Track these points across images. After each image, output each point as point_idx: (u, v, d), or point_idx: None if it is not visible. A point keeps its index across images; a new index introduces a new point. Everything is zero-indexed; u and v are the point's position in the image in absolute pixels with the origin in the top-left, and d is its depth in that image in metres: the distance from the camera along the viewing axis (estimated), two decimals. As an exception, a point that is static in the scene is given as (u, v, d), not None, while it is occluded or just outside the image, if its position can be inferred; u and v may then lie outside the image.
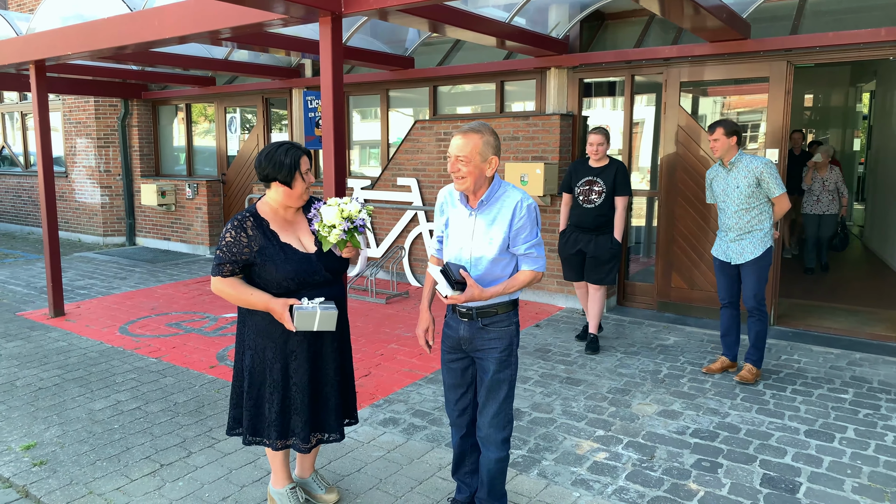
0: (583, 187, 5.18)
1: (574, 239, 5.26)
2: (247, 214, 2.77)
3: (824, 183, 7.80)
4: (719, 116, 6.60)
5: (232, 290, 2.71)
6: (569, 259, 5.34)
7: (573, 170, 5.32)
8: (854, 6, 5.74)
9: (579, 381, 4.66)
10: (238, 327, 2.88)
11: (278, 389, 2.78)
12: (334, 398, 2.90)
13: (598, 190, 5.11)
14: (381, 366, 4.96)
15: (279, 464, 2.99)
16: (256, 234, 2.72)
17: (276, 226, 2.79)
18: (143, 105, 10.79)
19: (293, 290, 2.73)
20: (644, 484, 3.27)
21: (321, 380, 2.87)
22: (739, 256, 4.57)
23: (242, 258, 2.71)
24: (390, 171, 7.82)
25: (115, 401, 4.30)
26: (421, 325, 2.85)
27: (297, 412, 2.81)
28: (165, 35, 4.91)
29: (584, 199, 5.17)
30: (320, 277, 2.77)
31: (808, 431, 3.84)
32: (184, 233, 10.24)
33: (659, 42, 6.45)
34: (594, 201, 5.13)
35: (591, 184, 5.14)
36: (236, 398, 2.91)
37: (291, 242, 2.77)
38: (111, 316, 6.38)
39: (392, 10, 4.24)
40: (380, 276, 7.84)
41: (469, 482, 2.95)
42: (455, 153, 2.60)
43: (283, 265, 2.70)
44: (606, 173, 5.14)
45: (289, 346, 2.78)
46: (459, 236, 2.69)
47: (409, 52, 7.67)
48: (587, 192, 5.16)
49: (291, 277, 2.70)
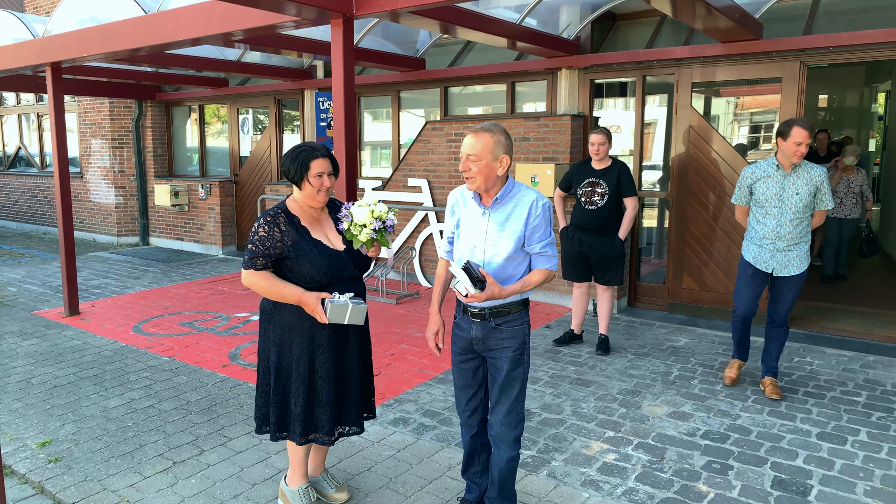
0: (585, 188, 5.13)
1: (578, 239, 5.21)
2: (279, 210, 2.84)
3: (850, 185, 7.44)
4: (731, 117, 6.57)
5: (265, 283, 2.78)
6: (570, 258, 5.30)
7: (575, 170, 5.27)
8: (868, 6, 5.69)
9: (589, 382, 4.65)
10: (261, 325, 2.93)
11: (304, 384, 2.84)
12: (356, 392, 2.97)
13: (600, 192, 5.05)
14: (391, 366, 4.98)
15: (299, 460, 3.03)
16: (289, 229, 2.79)
17: (306, 222, 2.87)
18: (157, 106, 10.89)
19: (324, 285, 2.81)
20: (654, 485, 3.26)
21: (345, 373, 2.94)
22: (784, 269, 4.24)
23: (276, 252, 2.77)
24: (401, 172, 7.84)
25: (128, 399, 4.35)
26: (431, 328, 2.87)
27: (322, 406, 2.88)
28: (180, 37, 4.96)
29: (586, 200, 5.12)
30: (349, 274, 2.87)
31: (821, 434, 3.81)
32: (197, 233, 10.33)
33: (670, 43, 6.43)
34: (596, 203, 5.07)
35: (594, 185, 5.08)
36: (263, 396, 2.95)
37: (321, 239, 2.87)
38: (125, 315, 6.45)
39: (403, 12, 4.26)
40: (391, 276, 7.87)
41: (479, 481, 2.96)
42: (467, 152, 2.62)
43: (316, 259, 2.78)
44: (609, 175, 5.07)
45: (316, 340, 2.85)
46: (472, 235, 2.71)
47: (420, 53, 7.70)
48: (589, 194, 5.10)
49: (324, 272, 2.78)
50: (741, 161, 6.00)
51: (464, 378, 2.83)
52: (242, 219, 10.16)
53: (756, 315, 4.56)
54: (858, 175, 7.40)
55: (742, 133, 6.53)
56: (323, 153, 2.84)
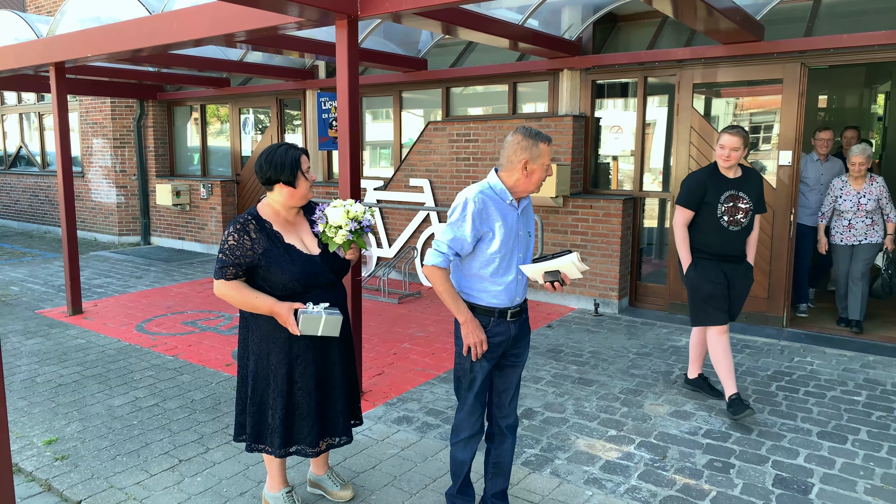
0: (727, 205, 4.06)
1: (722, 271, 4.13)
2: (248, 217, 2.75)
3: (860, 200, 5.64)
4: (733, 119, 6.60)
5: (236, 294, 2.69)
6: (716, 296, 4.11)
7: (706, 180, 4.09)
8: (869, 8, 5.72)
9: (591, 381, 4.68)
10: (241, 332, 2.87)
11: (282, 395, 2.76)
12: (342, 401, 2.91)
13: (744, 207, 4.06)
14: (394, 365, 5.01)
15: (276, 468, 2.99)
16: (260, 236, 2.70)
17: (279, 227, 2.78)
18: (159, 106, 10.91)
19: (299, 292, 2.72)
20: (656, 483, 3.29)
21: (329, 383, 2.86)
22: None
23: (246, 261, 2.68)
24: (403, 172, 7.87)
25: (133, 397, 4.37)
26: (483, 332, 2.66)
27: (303, 417, 2.80)
28: (183, 38, 4.98)
29: (729, 219, 4.05)
30: (325, 279, 2.78)
31: (821, 433, 3.84)
32: (198, 232, 10.35)
33: (672, 44, 6.45)
34: (741, 222, 4.06)
35: (735, 199, 4.06)
36: (241, 404, 2.90)
37: (295, 244, 2.77)
38: (128, 314, 6.47)
39: (407, 13, 4.28)
40: (392, 276, 7.89)
41: (472, 493, 2.96)
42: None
43: (288, 267, 2.69)
44: (749, 185, 4.11)
45: (294, 351, 2.77)
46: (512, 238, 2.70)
47: (422, 53, 7.72)
48: (732, 211, 4.06)
49: (297, 279, 2.70)
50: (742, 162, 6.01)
51: (486, 385, 2.78)
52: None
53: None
54: (873, 185, 5.62)
55: (743, 134, 6.54)
56: (302, 149, 2.82)
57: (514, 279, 2.67)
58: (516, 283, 2.68)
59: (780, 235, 5.92)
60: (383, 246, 8.08)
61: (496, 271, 2.64)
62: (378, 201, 8.02)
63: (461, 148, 7.36)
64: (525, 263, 2.70)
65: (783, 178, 5.87)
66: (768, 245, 5.97)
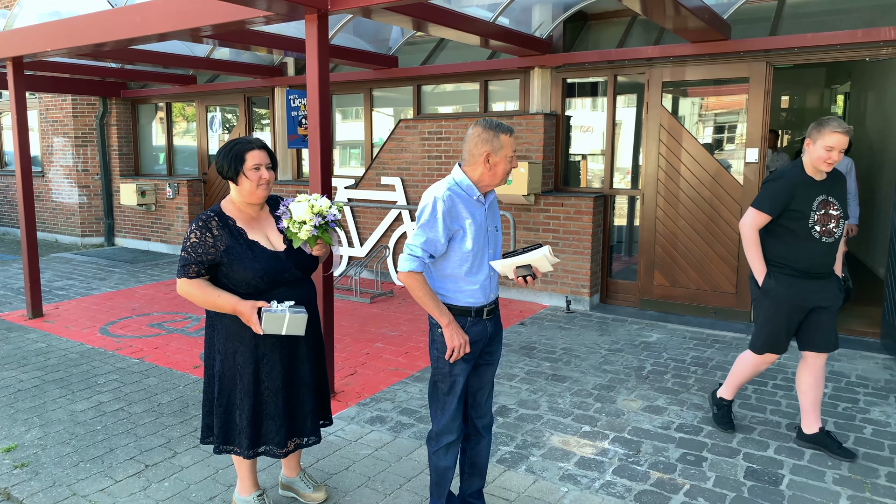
0: (819, 212, 3.39)
1: (804, 293, 3.47)
2: (211, 214, 2.69)
3: None
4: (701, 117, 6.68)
5: (198, 292, 2.63)
6: (795, 319, 3.54)
7: (796, 183, 3.39)
8: (831, 8, 5.85)
9: (565, 377, 4.69)
10: (207, 332, 2.81)
11: (249, 395, 2.70)
12: (311, 400, 2.85)
13: (835, 215, 3.42)
14: (366, 364, 4.95)
15: (246, 471, 2.93)
16: (222, 233, 2.64)
17: (243, 223, 2.71)
18: (122, 103, 10.65)
19: (263, 290, 2.67)
20: (631, 478, 3.30)
21: (296, 383, 2.81)
22: None
23: (208, 259, 2.63)
24: (374, 171, 7.80)
25: (97, 402, 4.24)
26: (464, 334, 2.59)
27: (271, 417, 2.75)
28: (147, 32, 4.85)
29: (822, 229, 3.39)
30: (290, 275, 2.72)
31: (790, 425, 3.90)
32: (164, 233, 10.13)
33: (641, 42, 6.51)
34: (834, 233, 3.42)
35: (826, 206, 3.41)
36: (208, 405, 2.84)
37: (259, 240, 2.70)
38: (91, 317, 6.29)
39: (377, 8, 4.24)
40: (364, 275, 7.82)
41: (454, 499, 2.93)
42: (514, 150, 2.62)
43: (251, 263, 2.63)
44: (837, 189, 3.47)
45: (260, 350, 2.71)
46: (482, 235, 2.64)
47: (392, 50, 7.67)
48: (825, 220, 3.40)
49: (261, 276, 2.64)
50: (711, 160, 6.11)
51: (465, 387, 2.72)
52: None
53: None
54: None
55: (711, 132, 6.65)
56: (258, 145, 2.69)
57: (487, 276, 2.64)
58: (489, 279, 2.65)
59: (747, 232, 6.01)
60: (355, 245, 8.01)
61: (470, 270, 2.58)
62: (349, 200, 7.95)
63: (433, 146, 7.32)
64: (495, 259, 2.65)
65: (750, 175, 5.96)
66: (736, 241, 6.07)
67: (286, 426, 2.79)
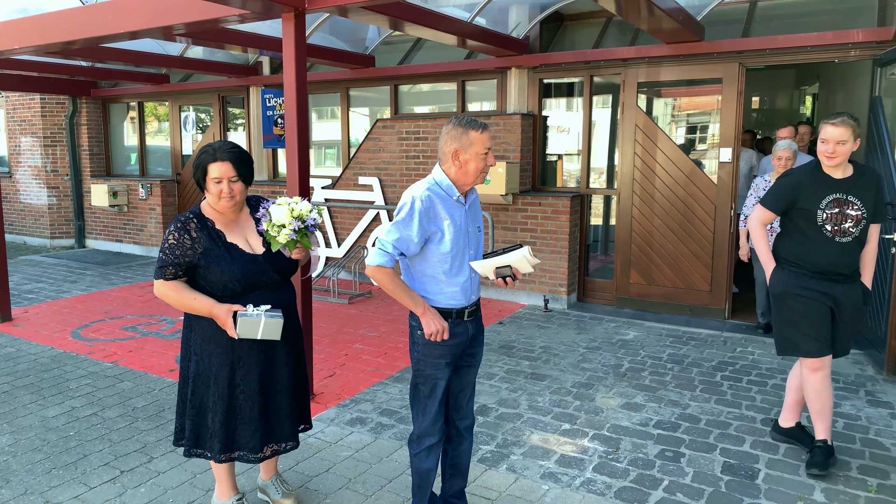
0: (830, 211, 3.28)
1: (822, 290, 3.32)
2: (190, 215, 2.66)
3: None
4: (676, 117, 6.77)
5: (174, 294, 2.60)
6: (810, 316, 3.33)
7: (802, 182, 3.32)
8: (800, 11, 5.97)
9: (544, 376, 4.71)
10: (184, 332, 2.77)
11: (223, 398, 2.67)
12: (288, 405, 2.81)
13: (854, 215, 3.26)
14: (345, 366, 4.92)
15: (223, 475, 2.89)
16: (201, 235, 2.62)
17: (222, 225, 2.69)
18: (93, 103, 10.44)
19: (239, 293, 2.64)
20: (611, 475, 3.33)
21: (274, 387, 2.77)
22: None
23: (186, 260, 2.60)
24: (351, 170, 7.76)
25: (69, 407, 4.15)
26: (443, 320, 2.58)
27: (246, 422, 2.72)
28: (118, 30, 4.76)
29: (834, 228, 3.28)
30: (268, 279, 2.69)
31: (765, 420, 3.97)
32: (137, 234, 9.96)
33: (617, 43, 6.57)
34: (850, 233, 3.27)
35: (842, 205, 3.27)
36: (181, 406, 2.79)
37: (238, 243, 2.68)
38: (62, 320, 6.15)
39: (354, 7, 4.22)
40: (342, 276, 7.77)
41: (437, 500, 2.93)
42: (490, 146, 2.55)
43: (228, 266, 2.60)
44: (861, 188, 3.29)
45: (236, 353, 2.68)
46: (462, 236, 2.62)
47: (369, 50, 7.63)
48: (838, 219, 3.27)
49: (238, 279, 2.61)
50: (685, 159, 6.19)
51: (446, 389, 2.71)
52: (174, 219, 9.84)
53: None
54: None
55: (686, 132, 6.74)
56: (223, 156, 2.57)
57: (468, 277, 2.62)
58: (470, 281, 2.63)
59: (721, 230, 6.11)
60: (332, 245, 7.95)
61: (450, 271, 2.56)
62: (326, 200, 7.89)
63: (411, 146, 7.31)
64: (476, 260, 2.64)
65: (724, 175, 6.06)
66: (710, 240, 6.16)
67: (262, 431, 2.75)
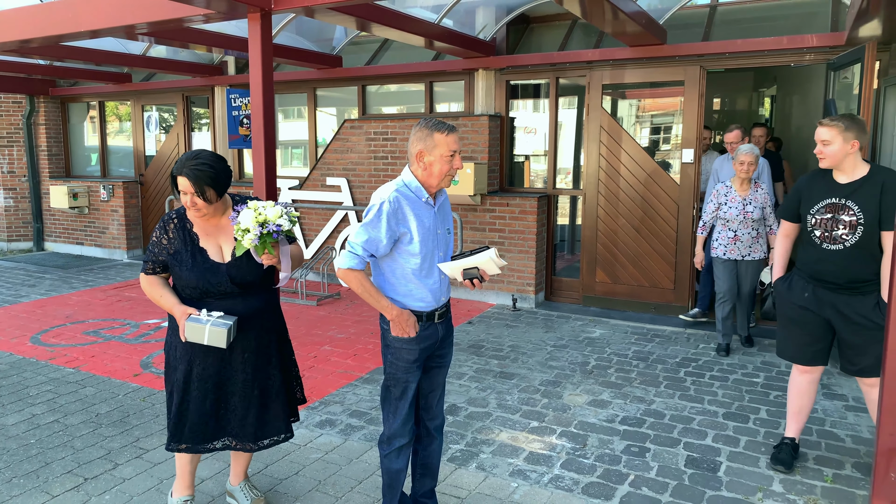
0: (822, 215, 3.17)
1: (814, 295, 3.24)
2: (173, 215, 2.73)
3: (745, 207, 4.96)
4: (640, 118, 6.90)
5: (148, 288, 2.75)
6: (798, 323, 3.31)
7: (800, 186, 3.29)
8: (759, 16, 6.14)
9: (512, 374, 4.76)
10: (169, 322, 2.84)
11: (179, 390, 2.74)
12: (245, 410, 2.77)
13: (847, 221, 3.10)
14: (314, 368, 4.90)
15: (182, 469, 2.93)
16: (176, 236, 2.69)
17: (199, 228, 2.71)
18: (52, 102, 10.18)
19: (195, 298, 2.70)
20: (578, 471, 3.39)
21: (229, 389, 2.76)
22: None
23: (161, 259, 2.71)
24: (319, 171, 7.72)
25: (29, 414, 4.05)
26: (413, 318, 2.59)
27: (195, 417, 2.72)
28: (78, 28, 4.68)
29: (823, 234, 3.16)
30: (225, 288, 2.68)
31: (726, 414, 4.08)
32: (98, 237, 9.74)
33: (582, 46, 6.67)
34: (843, 240, 3.11)
35: (836, 210, 3.13)
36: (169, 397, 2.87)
37: (208, 248, 2.69)
38: (20, 325, 5.99)
39: (321, 8, 4.21)
40: (310, 277, 7.73)
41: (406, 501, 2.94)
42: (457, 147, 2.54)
43: (187, 273, 2.65)
44: (864, 193, 3.08)
45: (194, 350, 2.70)
46: (431, 238, 2.62)
47: (336, 50, 7.60)
48: (829, 225, 3.14)
49: (193, 286, 2.67)
50: (649, 160, 6.31)
51: (416, 391, 2.73)
52: (148, 221, 9.67)
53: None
54: (758, 192, 5.00)
55: (650, 133, 6.87)
56: (185, 172, 2.54)
57: (438, 279, 2.63)
58: (440, 282, 2.65)
59: (684, 229, 6.25)
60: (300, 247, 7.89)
61: (419, 273, 2.57)
62: (293, 201, 7.83)
63: (379, 146, 7.30)
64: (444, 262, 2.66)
65: (686, 175, 6.20)
66: (674, 238, 6.29)
67: (211, 426, 2.75)
